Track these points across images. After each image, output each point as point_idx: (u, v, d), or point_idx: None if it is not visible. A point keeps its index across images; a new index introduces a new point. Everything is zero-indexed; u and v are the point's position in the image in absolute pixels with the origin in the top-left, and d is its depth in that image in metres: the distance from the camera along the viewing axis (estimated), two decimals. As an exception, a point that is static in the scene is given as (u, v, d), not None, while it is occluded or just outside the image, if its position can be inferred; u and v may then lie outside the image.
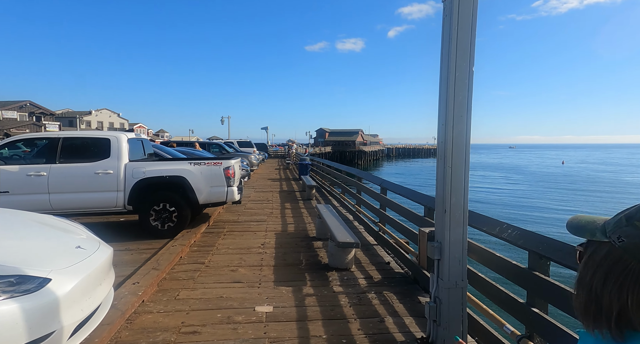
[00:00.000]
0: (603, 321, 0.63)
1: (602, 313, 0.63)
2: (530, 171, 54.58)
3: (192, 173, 6.51)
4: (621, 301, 0.60)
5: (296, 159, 28.74)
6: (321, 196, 11.78)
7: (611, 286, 0.62)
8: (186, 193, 6.49)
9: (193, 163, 6.59)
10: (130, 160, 6.43)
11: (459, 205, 2.80)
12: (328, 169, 13.02)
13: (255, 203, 10.40)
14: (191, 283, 4.36)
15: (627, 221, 0.63)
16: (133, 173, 6.30)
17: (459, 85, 2.74)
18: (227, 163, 6.76)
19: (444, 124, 2.82)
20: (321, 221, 6.43)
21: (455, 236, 2.81)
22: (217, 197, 6.70)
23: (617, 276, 0.62)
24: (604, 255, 0.64)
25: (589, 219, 0.71)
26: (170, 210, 6.46)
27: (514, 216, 19.46)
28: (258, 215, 8.67)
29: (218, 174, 6.66)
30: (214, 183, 6.65)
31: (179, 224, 6.49)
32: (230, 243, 6.23)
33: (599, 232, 0.67)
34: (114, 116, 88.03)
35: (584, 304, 0.67)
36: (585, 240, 0.70)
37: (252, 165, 20.85)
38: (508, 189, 32.44)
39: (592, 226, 0.69)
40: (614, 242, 0.63)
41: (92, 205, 6.18)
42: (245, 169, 14.96)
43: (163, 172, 6.41)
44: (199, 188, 6.52)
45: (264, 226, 7.56)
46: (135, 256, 5.39)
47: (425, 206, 4.28)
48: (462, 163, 2.80)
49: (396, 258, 5.39)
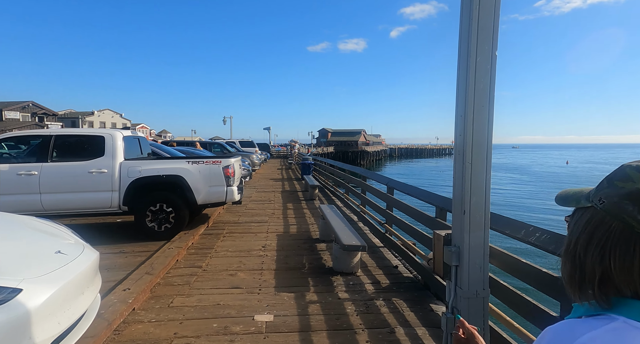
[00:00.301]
0: (588, 288, 0.61)
1: (585, 279, 0.61)
2: (535, 171, 54.09)
3: (190, 172, 6.25)
4: (603, 264, 0.59)
5: (298, 159, 28.50)
6: (324, 197, 11.50)
7: (593, 249, 0.60)
8: (184, 193, 6.22)
9: (191, 162, 6.33)
10: (125, 159, 6.17)
11: (480, 206, 2.52)
12: (331, 169, 12.73)
13: (256, 204, 10.13)
14: (187, 289, 4.09)
15: (608, 183, 0.62)
16: (128, 172, 6.04)
17: (480, 71, 2.46)
18: (227, 162, 6.49)
19: (462, 116, 2.53)
20: (325, 222, 6.16)
21: (475, 240, 2.52)
22: (216, 197, 6.43)
23: (599, 239, 0.60)
24: (587, 219, 0.63)
25: (577, 190, 0.71)
26: (167, 210, 6.19)
27: (520, 219, 19.14)
28: (259, 216, 8.40)
29: (217, 173, 6.39)
30: (213, 182, 6.38)
31: (177, 225, 6.22)
32: (230, 245, 5.96)
33: (583, 199, 0.66)
34: (116, 116, 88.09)
35: (568, 273, 0.65)
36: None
37: (254, 165, 20.60)
38: (512, 190, 32.07)
39: (579, 195, 0.68)
40: (596, 205, 0.62)
41: (85, 205, 5.92)
42: (247, 169, 14.70)
43: (160, 171, 6.15)
44: (197, 188, 6.25)
45: (265, 227, 7.28)
46: (129, 260, 5.12)
47: (437, 206, 3.98)
48: (484, 160, 2.51)
49: (404, 261, 5.10)
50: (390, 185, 5.79)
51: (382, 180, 6.17)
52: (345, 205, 9.68)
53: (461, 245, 2.55)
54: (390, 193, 5.83)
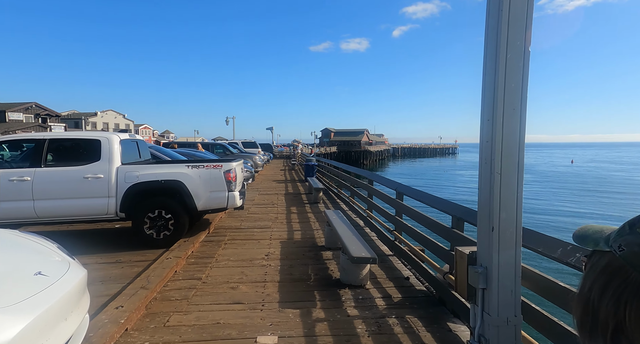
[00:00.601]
0: (599, 337, 0.57)
1: (598, 328, 0.57)
2: (539, 170, 53.55)
3: (190, 177, 5.98)
4: (618, 315, 0.54)
5: (302, 160, 28.22)
6: (329, 200, 11.21)
7: (608, 299, 0.56)
8: (183, 199, 5.96)
9: (191, 166, 6.06)
10: (122, 163, 5.91)
11: (511, 221, 2.23)
12: (336, 171, 12.43)
13: (259, 207, 9.86)
14: (184, 305, 3.81)
15: (630, 229, 0.57)
16: (125, 177, 5.78)
17: (511, 69, 2.17)
18: (228, 166, 6.22)
19: (490, 119, 2.25)
20: (330, 229, 5.88)
21: (506, 260, 2.23)
22: (217, 203, 6.16)
23: (615, 288, 0.55)
24: (604, 265, 0.59)
25: (597, 229, 0.65)
26: (166, 217, 5.93)
27: (527, 222, 18.78)
28: (262, 221, 8.12)
29: (218, 178, 6.12)
30: (213, 187, 6.11)
31: (176, 232, 5.95)
32: (232, 253, 5.69)
33: (602, 242, 0.61)
34: (119, 117, 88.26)
35: (580, 318, 0.61)
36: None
37: (257, 166, 20.35)
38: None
39: (598, 235, 0.63)
40: (615, 251, 0.57)
41: (80, 212, 5.66)
42: (249, 170, 14.45)
43: (158, 175, 5.88)
44: (197, 193, 5.99)
45: (268, 233, 7.01)
46: (125, 270, 4.86)
47: (453, 216, 3.69)
48: (515, 169, 2.23)
49: (416, 271, 4.81)
50: (400, 190, 5.50)
51: (391, 184, 5.87)
52: (351, 209, 9.39)
53: (489, 265, 2.26)
54: (399, 199, 5.54)
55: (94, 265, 5.06)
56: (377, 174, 7.19)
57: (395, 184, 5.69)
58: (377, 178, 6.97)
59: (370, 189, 7.40)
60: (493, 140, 2.22)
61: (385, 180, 6.44)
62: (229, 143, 25.88)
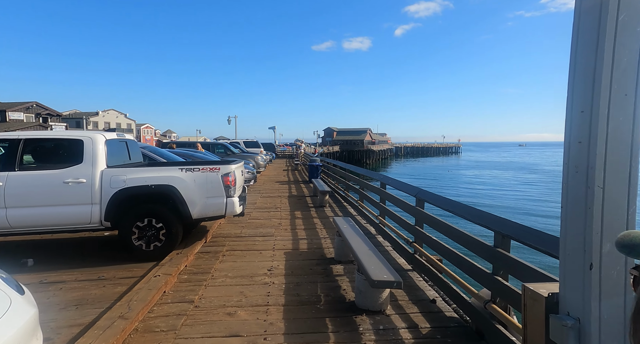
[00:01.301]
0: None
1: None
2: (546, 170, 52.74)
3: (184, 181, 5.34)
4: None
5: (305, 160, 27.58)
6: (335, 203, 10.56)
7: None
8: (176, 206, 5.32)
9: (185, 169, 5.42)
10: (108, 166, 5.28)
11: (618, 257, 1.57)
12: (342, 172, 11.75)
13: (261, 212, 9.22)
14: (171, 338, 3.17)
15: None
16: (111, 182, 5.15)
17: (623, 43, 1.51)
18: (227, 169, 5.57)
19: (585, 111, 1.59)
20: (341, 240, 5.23)
21: (610, 312, 1.58)
22: (213, 210, 5.52)
23: None
24: None
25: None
26: (157, 226, 5.29)
27: (540, 227, 18.09)
28: (264, 227, 7.48)
29: (215, 182, 5.48)
30: (210, 193, 5.47)
31: (168, 243, 5.32)
32: (230, 267, 5.05)
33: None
34: (121, 116, 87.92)
35: None
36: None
37: (259, 166, 19.72)
38: (528, 192, 30.93)
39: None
40: None
41: (60, 221, 5.03)
42: (250, 172, 13.82)
43: (148, 180, 5.24)
44: (191, 200, 5.35)
45: (271, 242, 6.37)
46: (107, 290, 4.22)
47: (496, 232, 3.03)
48: (625, 181, 1.57)
49: (442, 291, 4.14)
50: (421, 196, 4.83)
51: (410, 190, 5.21)
52: (360, 214, 8.74)
53: (584, 317, 1.60)
54: (420, 207, 4.88)
55: (72, 282, 4.43)
56: (392, 177, 6.53)
57: (416, 189, 5.02)
58: (391, 182, 6.30)
59: (383, 193, 6.74)
60: (590, 139, 1.56)
61: (402, 184, 5.76)
62: (230, 142, 25.28)
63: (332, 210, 9.55)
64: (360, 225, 7.73)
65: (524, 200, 25.00)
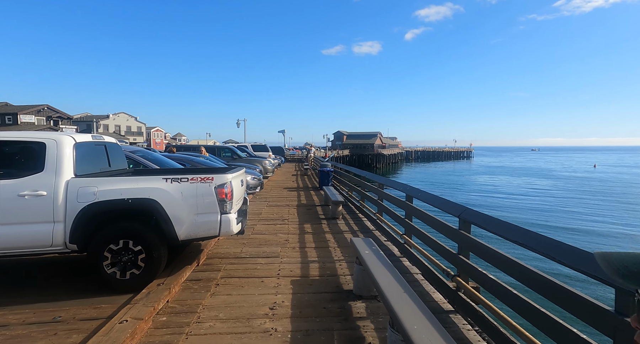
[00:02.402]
0: None
1: None
2: (562, 176, 50.87)
3: (169, 194, 4.34)
4: None
5: (315, 164, 26.57)
6: (349, 214, 9.48)
7: None
8: (159, 225, 4.32)
9: (170, 180, 4.41)
10: (76, 175, 4.31)
11: None
12: (357, 179, 10.64)
13: (266, 224, 8.19)
14: None
15: None
16: (79, 194, 4.17)
17: None
18: (221, 179, 4.56)
19: None
20: (362, 269, 4.18)
21: None
22: (205, 229, 4.50)
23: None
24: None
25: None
26: (134, 249, 4.29)
27: (566, 239, 16.77)
28: (269, 245, 6.45)
29: (207, 195, 4.47)
30: (201, 208, 4.46)
31: (149, 271, 4.31)
32: (223, 304, 4.02)
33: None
34: (131, 120, 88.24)
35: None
36: None
37: (266, 171, 18.76)
38: (544, 197, 29.43)
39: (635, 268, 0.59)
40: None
41: (13, 244, 4.05)
42: (257, 178, 12.83)
43: (124, 192, 4.25)
44: (177, 217, 4.34)
45: (276, 265, 5.34)
46: (58, 340, 3.22)
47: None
48: None
49: (502, 350, 3.05)
50: (468, 218, 3.74)
51: (452, 209, 4.09)
52: (378, 228, 7.65)
53: None
54: (464, 230, 3.80)
55: (17, 327, 3.44)
56: (421, 190, 5.44)
57: (459, 208, 3.93)
58: (422, 196, 5.20)
59: (409, 208, 5.66)
60: None
61: (438, 200, 4.63)
62: (237, 146, 24.40)
63: (346, 222, 8.48)
64: (380, 242, 6.65)
65: (544, 212, 23.56)
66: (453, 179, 46.34)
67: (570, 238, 15.96)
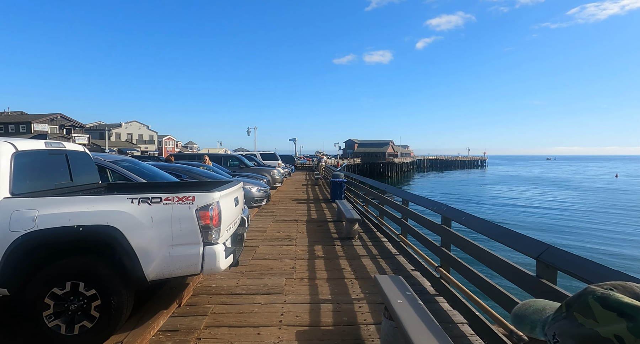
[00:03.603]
0: None
1: None
2: (583, 186, 48.67)
3: (133, 219, 3.25)
4: None
5: (326, 173, 25.47)
6: (365, 232, 8.28)
7: None
8: (120, 261, 3.23)
9: (138, 200, 3.32)
10: (13, 194, 3.26)
11: None
12: (375, 193, 9.40)
13: (271, 245, 7.06)
14: None
15: (567, 310, 0.51)
16: (12, 221, 3.11)
17: None
18: (206, 199, 3.45)
19: None
20: (393, 325, 3.00)
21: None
22: (182, 266, 3.39)
23: None
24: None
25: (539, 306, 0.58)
26: (86, 294, 3.20)
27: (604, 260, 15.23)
28: (272, 275, 5.31)
29: (186, 220, 3.37)
30: (177, 238, 3.35)
31: (105, 323, 3.21)
32: (201, 375, 2.88)
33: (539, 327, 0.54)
34: (143, 128, 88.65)
35: None
36: None
37: (275, 181, 17.69)
38: (566, 209, 27.70)
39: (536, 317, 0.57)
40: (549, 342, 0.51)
41: None
42: (263, 189, 11.75)
43: (74, 217, 3.17)
44: (145, 250, 3.24)
45: (278, 307, 4.19)
46: None
47: None
48: None
49: None
50: (550, 260, 2.55)
51: (529, 247, 2.88)
52: (402, 252, 6.44)
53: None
54: (548, 279, 2.60)
55: None
56: (465, 212, 4.24)
57: (541, 246, 2.72)
58: (468, 221, 4.00)
59: (448, 235, 4.46)
60: None
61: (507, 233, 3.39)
62: (246, 155, 23.44)
63: (363, 243, 7.29)
64: (406, 273, 5.45)
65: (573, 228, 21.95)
66: (470, 190, 44.61)
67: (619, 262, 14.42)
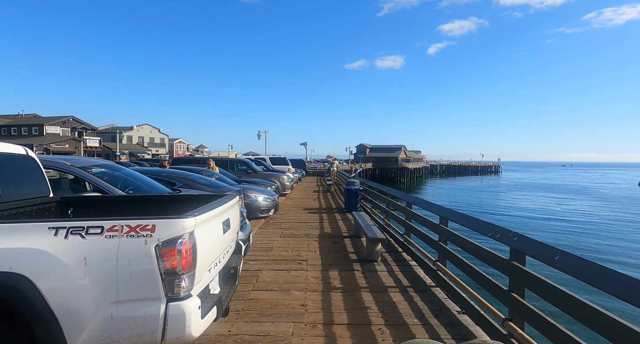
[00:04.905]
0: None
1: None
2: (603, 194, 46.47)
3: (54, 261, 2.05)
4: None
5: (338, 179, 24.20)
6: (389, 252, 6.99)
7: None
8: (29, 328, 2.03)
9: (66, 230, 2.13)
10: None
11: None
12: (401, 206, 8.01)
13: (277, 269, 5.83)
14: None
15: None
16: None
17: None
18: (172, 229, 2.23)
19: None
20: None
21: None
22: (131, 335, 2.17)
23: None
24: None
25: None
26: (-24, 381, 2.01)
27: None
28: (275, 317, 4.07)
29: (139, 262, 2.16)
30: (124, 292, 2.15)
31: None
32: None
33: None
34: (154, 131, 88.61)
35: None
36: None
37: (284, 188, 16.49)
38: (592, 220, 25.90)
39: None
40: None
41: None
42: (271, 198, 10.55)
43: (-41, 259, 1.99)
44: (71, 310, 2.04)
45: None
46: None
47: None
48: None
49: None
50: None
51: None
52: (440, 284, 5.14)
53: None
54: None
55: None
56: (537, 240, 2.95)
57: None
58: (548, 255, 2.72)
59: (519, 272, 3.17)
60: None
61: (597, 269, 2.16)
62: (255, 159, 22.32)
63: (389, 268, 6.00)
64: (449, 316, 4.15)
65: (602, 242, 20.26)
66: (488, 199, 42.78)
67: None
